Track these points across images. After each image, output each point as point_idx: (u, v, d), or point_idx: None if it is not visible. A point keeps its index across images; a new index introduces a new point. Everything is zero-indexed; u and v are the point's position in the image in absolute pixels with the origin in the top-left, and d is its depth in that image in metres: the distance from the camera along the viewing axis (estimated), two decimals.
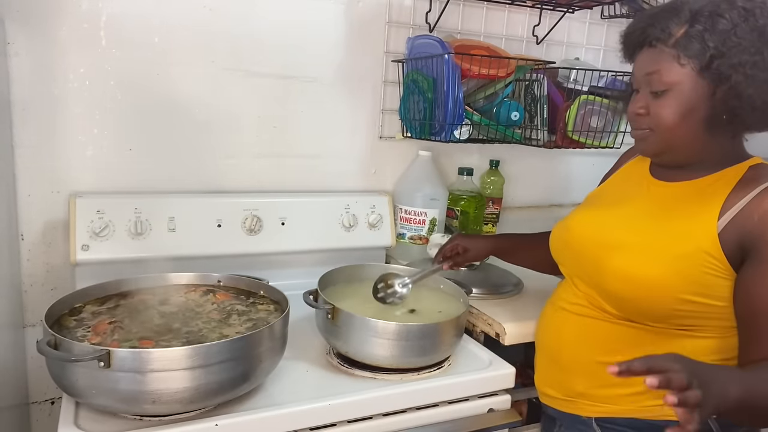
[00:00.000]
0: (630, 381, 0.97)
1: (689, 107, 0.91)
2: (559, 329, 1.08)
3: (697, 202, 0.95)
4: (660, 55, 0.92)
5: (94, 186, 1.36)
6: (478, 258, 1.31)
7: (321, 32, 1.51)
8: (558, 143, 1.52)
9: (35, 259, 1.33)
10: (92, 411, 0.91)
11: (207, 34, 1.40)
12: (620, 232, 1.01)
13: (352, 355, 1.09)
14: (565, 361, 1.07)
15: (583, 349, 1.03)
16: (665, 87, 0.92)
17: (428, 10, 1.61)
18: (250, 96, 1.47)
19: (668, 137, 0.94)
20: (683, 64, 0.90)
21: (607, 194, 1.15)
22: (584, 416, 1.04)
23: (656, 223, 0.98)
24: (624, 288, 0.96)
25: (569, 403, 1.06)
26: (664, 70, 0.91)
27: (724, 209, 0.92)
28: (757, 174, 0.93)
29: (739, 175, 0.94)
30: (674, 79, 0.91)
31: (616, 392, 1.00)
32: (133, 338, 0.95)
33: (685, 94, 0.91)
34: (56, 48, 1.27)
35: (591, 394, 1.03)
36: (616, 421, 1.01)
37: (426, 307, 1.21)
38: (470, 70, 1.44)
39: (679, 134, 0.94)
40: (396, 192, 1.66)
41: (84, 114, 1.32)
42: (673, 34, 0.91)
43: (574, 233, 1.10)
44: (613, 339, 1.00)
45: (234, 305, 1.11)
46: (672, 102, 0.92)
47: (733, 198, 0.92)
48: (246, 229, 1.40)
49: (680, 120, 0.92)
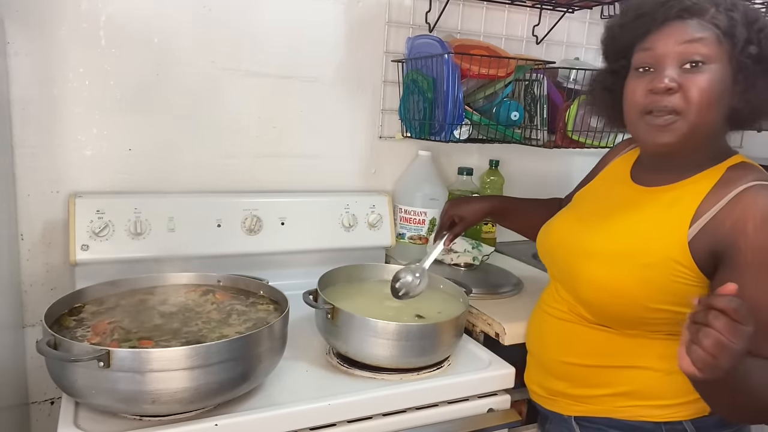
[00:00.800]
0: (606, 382, 0.99)
1: (722, 89, 0.86)
2: (542, 331, 1.10)
3: (670, 207, 0.93)
4: (702, 27, 0.86)
5: (93, 186, 1.36)
6: (475, 222, 1.28)
7: (321, 32, 1.51)
8: (558, 143, 1.52)
9: (35, 259, 1.33)
10: (92, 411, 0.91)
11: (207, 34, 1.40)
12: (594, 240, 1.00)
13: (352, 355, 1.09)
14: (547, 362, 1.08)
15: (562, 352, 1.05)
16: (705, 58, 0.85)
17: (428, 10, 1.61)
18: (250, 96, 1.47)
19: (697, 122, 0.87)
20: (721, 42, 0.86)
21: (588, 197, 1.14)
22: (565, 415, 1.06)
23: (628, 231, 0.96)
24: (596, 296, 0.96)
25: (552, 401, 1.08)
26: (708, 40, 0.85)
27: (697, 215, 0.89)
28: (735, 175, 0.90)
29: (717, 177, 0.91)
30: (715, 53, 0.85)
31: (593, 393, 1.01)
32: (133, 338, 0.95)
33: (719, 75, 0.86)
34: (56, 48, 1.27)
35: (570, 393, 1.04)
36: (594, 420, 1.02)
37: (426, 307, 1.21)
38: (470, 70, 1.44)
39: (707, 117, 0.87)
40: (396, 192, 1.66)
41: (83, 114, 1.32)
42: (708, 9, 0.86)
43: (552, 239, 1.11)
44: (591, 343, 1.00)
45: (234, 305, 1.11)
46: (709, 77, 0.85)
47: (707, 203, 0.89)
48: (246, 229, 1.40)
49: (715, 101, 0.86)
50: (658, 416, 0.95)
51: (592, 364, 1.00)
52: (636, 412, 0.97)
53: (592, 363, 1.00)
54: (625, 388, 0.98)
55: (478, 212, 1.27)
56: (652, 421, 0.96)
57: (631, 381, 0.97)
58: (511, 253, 1.72)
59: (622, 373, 0.97)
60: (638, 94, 0.91)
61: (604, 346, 0.99)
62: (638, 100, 0.91)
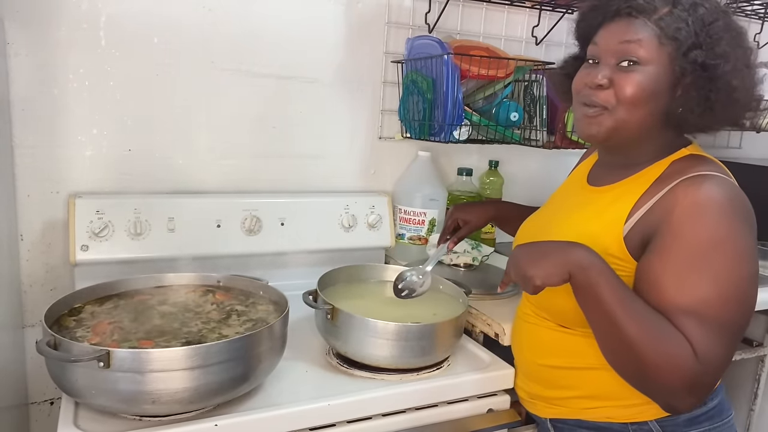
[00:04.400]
0: (573, 384, 1.01)
1: (655, 90, 0.88)
2: (517, 336, 1.12)
3: (611, 205, 0.94)
4: (643, 27, 0.87)
5: (93, 186, 1.36)
6: (479, 227, 1.30)
7: (320, 33, 1.51)
8: (557, 144, 1.52)
9: (34, 260, 1.33)
10: (92, 411, 0.91)
11: (206, 35, 1.40)
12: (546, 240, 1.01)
13: (352, 355, 1.09)
14: (523, 365, 1.10)
15: (534, 354, 1.06)
16: (640, 59, 0.87)
17: (427, 10, 1.61)
18: (250, 96, 1.47)
19: (625, 116, 0.89)
20: (663, 44, 0.87)
21: (553, 200, 1.17)
22: (542, 417, 1.08)
23: (574, 231, 0.97)
24: (544, 297, 0.96)
25: (532, 404, 1.10)
26: (645, 41, 0.87)
27: (634, 210, 0.90)
28: (676, 169, 0.90)
29: (660, 171, 0.92)
30: (651, 55, 0.86)
31: (563, 394, 1.02)
32: (133, 338, 0.95)
33: (654, 76, 0.87)
34: (56, 48, 1.27)
35: (544, 396, 1.06)
36: (567, 422, 1.03)
37: (422, 309, 1.21)
38: (469, 71, 1.45)
39: (635, 116, 0.89)
40: (395, 192, 1.66)
41: (83, 114, 1.32)
42: (658, 9, 0.87)
43: (517, 241, 1.13)
44: (555, 345, 1.01)
45: (233, 305, 1.11)
46: (641, 78, 0.87)
47: (644, 198, 0.90)
48: (245, 230, 1.40)
49: (644, 99, 0.88)
50: (625, 417, 0.96)
51: (558, 365, 1.01)
52: (603, 413, 0.98)
53: (558, 364, 1.01)
54: (591, 388, 0.98)
55: (483, 217, 1.30)
56: (619, 422, 0.96)
57: (596, 382, 0.97)
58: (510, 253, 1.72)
59: (586, 375, 0.98)
60: (578, 85, 0.95)
61: (566, 347, 0.99)
62: (578, 89, 0.95)
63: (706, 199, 0.84)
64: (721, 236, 0.83)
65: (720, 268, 0.82)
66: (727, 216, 0.83)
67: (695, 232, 0.83)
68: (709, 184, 0.85)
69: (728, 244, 0.83)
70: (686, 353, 0.80)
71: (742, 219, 0.84)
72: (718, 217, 0.83)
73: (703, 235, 0.83)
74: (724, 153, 2.17)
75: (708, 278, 0.82)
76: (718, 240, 0.82)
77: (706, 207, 0.83)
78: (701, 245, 0.82)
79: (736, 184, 0.89)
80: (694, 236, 0.83)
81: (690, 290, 0.82)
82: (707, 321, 0.81)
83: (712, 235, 0.82)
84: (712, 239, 0.82)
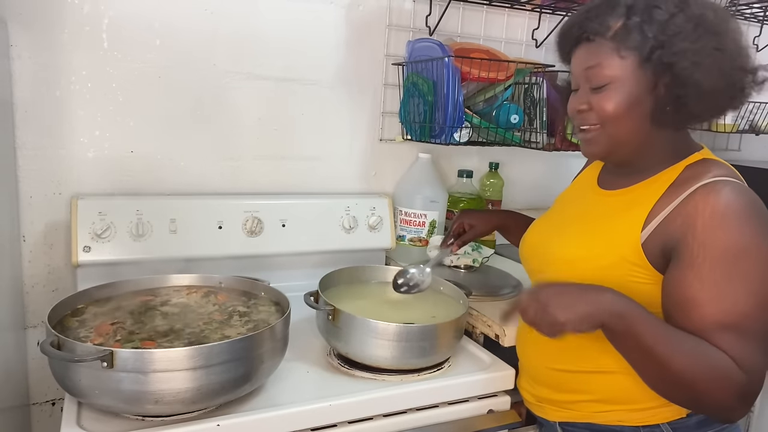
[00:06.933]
0: (583, 387, 1.00)
1: (632, 100, 0.89)
2: (526, 338, 1.11)
3: (627, 210, 0.94)
4: (599, 49, 0.90)
5: (95, 188, 1.36)
6: (485, 233, 1.32)
7: (322, 35, 1.52)
8: (557, 146, 1.53)
9: (37, 261, 1.34)
10: (95, 411, 0.92)
11: (208, 37, 1.40)
12: (558, 245, 1.02)
13: (353, 356, 1.09)
14: (530, 368, 1.10)
15: (543, 358, 1.06)
16: (606, 81, 0.89)
17: (428, 13, 1.62)
18: (251, 98, 1.48)
19: (615, 131, 0.92)
20: (623, 57, 0.88)
21: (561, 203, 1.17)
22: (551, 420, 1.07)
23: (588, 235, 0.98)
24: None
25: (539, 407, 1.09)
26: (605, 63, 0.89)
27: (651, 217, 0.90)
28: (691, 174, 0.91)
29: (674, 176, 0.92)
30: (615, 72, 0.89)
31: (574, 398, 1.02)
32: (135, 339, 0.95)
33: (626, 87, 0.89)
34: (58, 50, 1.28)
35: (554, 399, 1.05)
36: (577, 425, 1.03)
37: (426, 309, 1.22)
38: (470, 73, 1.45)
39: (625, 128, 0.91)
40: (396, 194, 1.66)
41: (86, 116, 1.33)
42: (611, 26, 0.89)
43: (525, 247, 1.14)
44: (566, 349, 1.00)
45: (235, 306, 1.11)
46: (613, 94, 0.89)
47: (661, 204, 0.90)
48: (247, 231, 1.41)
49: (625, 111, 0.90)
50: (637, 420, 0.96)
51: (569, 369, 1.01)
52: (614, 416, 0.98)
53: (569, 368, 1.01)
54: (602, 392, 0.98)
55: (489, 223, 1.32)
56: (631, 425, 0.96)
57: (608, 385, 0.97)
58: (510, 255, 1.73)
59: (598, 378, 0.98)
60: (570, 112, 0.98)
61: (577, 352, 0.99)
62: (571, 116, 0.99)
63: (726, 207, 0.85)
64: (746, 243, 0.84)
65: (753, 277, 0.83)
66: (749, 222, 0.84)
67: (722, 242, 0.84)
68: (727, 191, 0.86)
69: (754, 250, 0.84)
70: (731, 369, 0.82)
71: (763, 223, 0.86)
72: (741, 225, 0.84)
73: (730, 245, 0.83)
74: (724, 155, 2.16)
75: (744, 289, 0.83)
76: (743, 247, 0.83)
77: (728, 216, 0.84)
78: (729, 255, 0.83)
79: (750, 189, 0.90)
80: (722, 247, 0.84)
81: (730, 306, 0.83)
82: (747, 333, 0.83)
83: (738, 243, 0.83)
84: (738, 247, 0.83)
